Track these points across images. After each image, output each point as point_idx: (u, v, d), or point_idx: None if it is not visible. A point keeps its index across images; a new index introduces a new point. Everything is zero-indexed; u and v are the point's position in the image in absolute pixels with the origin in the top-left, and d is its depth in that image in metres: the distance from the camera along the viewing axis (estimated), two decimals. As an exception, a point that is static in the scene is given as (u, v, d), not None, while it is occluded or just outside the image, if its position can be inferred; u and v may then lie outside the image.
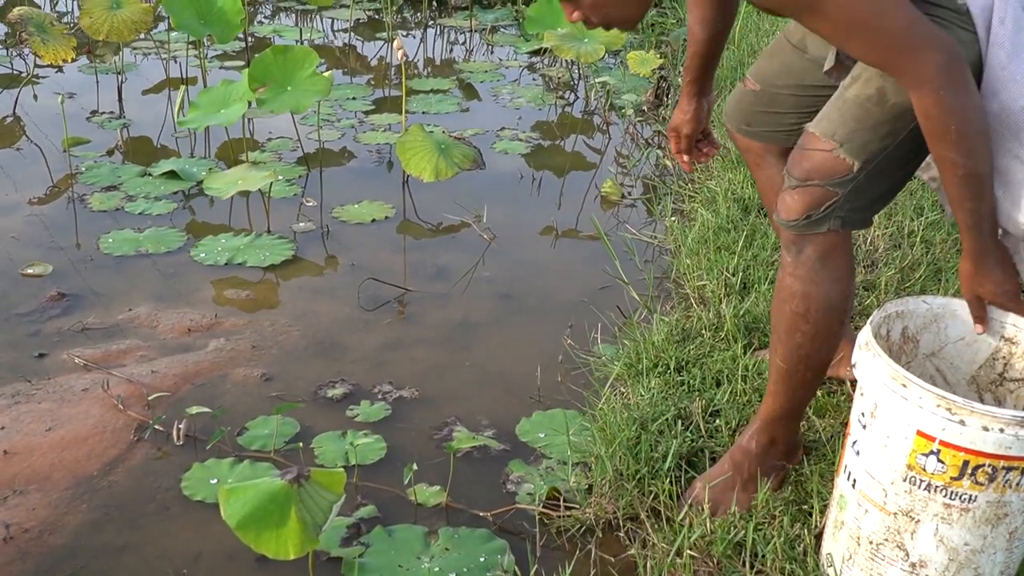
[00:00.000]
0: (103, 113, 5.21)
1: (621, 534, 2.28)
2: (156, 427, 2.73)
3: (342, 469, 2.17)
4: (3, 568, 2.26)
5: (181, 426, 2.71)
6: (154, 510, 2.47)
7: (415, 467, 2.44)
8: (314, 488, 2.09)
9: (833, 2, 1.74)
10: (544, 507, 2.39)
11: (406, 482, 2.45)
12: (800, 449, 2.37)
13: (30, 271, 3.58)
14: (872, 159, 1.95)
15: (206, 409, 2.71)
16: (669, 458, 2.33)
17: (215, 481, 2.55)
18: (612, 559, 2.23)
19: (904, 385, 1.83)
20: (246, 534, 2.00)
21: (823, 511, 2.21)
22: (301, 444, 2.65)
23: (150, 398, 2.84)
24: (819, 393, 2.66)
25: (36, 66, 5.66)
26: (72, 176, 4.42)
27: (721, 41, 2.41)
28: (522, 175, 4.64)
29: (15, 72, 5.85)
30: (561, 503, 2.37)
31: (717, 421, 2.54)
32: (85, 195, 4.23)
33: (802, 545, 2.14)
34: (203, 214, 4.14)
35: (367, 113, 5.35)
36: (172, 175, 4.38)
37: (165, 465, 2.62)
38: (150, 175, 4.41)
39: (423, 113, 5.33)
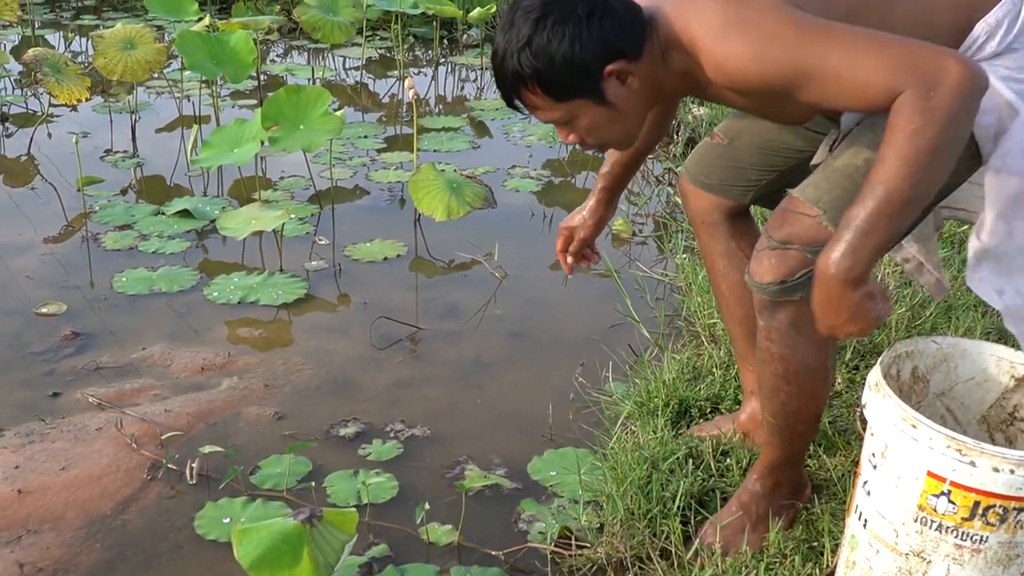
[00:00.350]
0: (117, 152, 5.26)
1: (632, 573, 2.28)
2: (169, 466, 2.74)
3: (354, 509, 2.18)
4: (20, 602, 2.27)
5: (194, 465, 2.72)
6: (167, 549, 2.47)
7: (427, 506, 2.45)
8: (326, 528, 2.10)
9: (834, 38, 1.73)
10: (556, 546, 2.39)
11: (418, 521, 2.45)
12: (807, 487, 2.38)
13: (44, 310, 3.61)
14: None
15: (219, 448, 2.72)
16: (679, 497, 2.33)
17: (228, 520, 2.56)
18: (624, 599, 2.24)
19: (914, 426, 1.84)
20: (259, 574, 2.01)
21: (835, 550, 2.21)
22: (313, 483, 2.66)
23: (163, 437, 2.86)
24: (829, 431, 2.66)
25: (51, 105, 5.72)
26: (86, 215, 4.46)
27: (647, 152, 2.49)
28: (533, 212, 4.66)
29: (30, 111, 5.91)
30: (573, 542, 2.38)
31: (728, 460, 2.54)
32: (99, 234, 4.27)
33: (814, 584, 2.14)
34: (216, 253, 4.17)
35: (379, 151, 5.39)
36: (185, 214, 4.41)
37: (178, 504, 2.63)
38: (163, 214, 4.44)
39: (434, 151, 5.37)
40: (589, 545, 2.37)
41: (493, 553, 2.44)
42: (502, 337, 3.52)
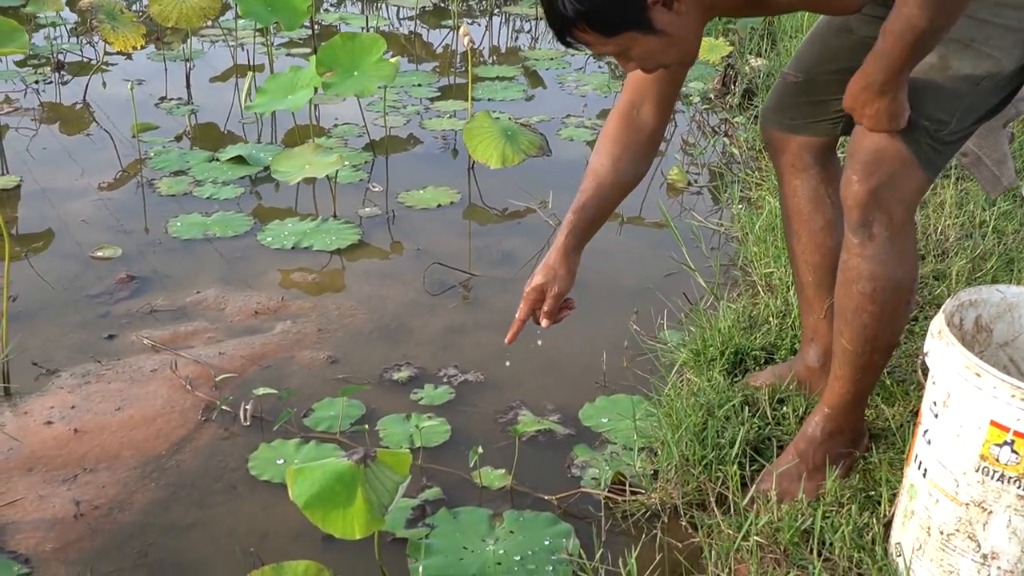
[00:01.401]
0: (171, 99, 5.27)
1: (686, 520, 2.26)
2: (223, 408, 2.75)
3: (408, 451, 2.17)
4: (73, 544, 2.29)
5: (248, 407, 2.73)
6: (221, 489, 2.49)
7: (480, 450, 2.44)
8: (380, 469, 2.10)
9: None
10: (609, 492, 2.37)
11: (471, 465, 2.45)
12: (866, 436, 2.34)
13: (100, 254, 3.63)
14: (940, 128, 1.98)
15: (272, 391, 2.72)
16: (736, 445, 2.30)
17: (281, 461, 2.57)
18: (678, 544, 2.22)
19: (978, 375, 1.79)
20: (313, 514, 2.01)
21: (892, 500, 2.17)
22: (366, 426, 2.66)
23: (217, 379, 2.87)
24: (888, 381, 2.62)
25: (106, 53, 5.75)
26: (141, 161, 4.47)
27: (625, 192, 2.24)
28: (588, 162, 4.60)
29: (85, 60, 5.94)
30: (627, 488, 2.36)
31: (784, 408, 2.51)
32: (153, 180, 4.28)
33: (871, 534, 2.10)
34: (270, 199, 4.17)
35: (432, 100, 5.36)
36: (239, 160, 4.42)
37: (232, 445, 2.64)
38: (218, 160, 4.45)
39: (488, 100, 5.33)
40: (643, 491, 2.35)
41: (546, 498, 2.43)
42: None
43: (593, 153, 2.24)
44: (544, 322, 2.19)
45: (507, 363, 2.80)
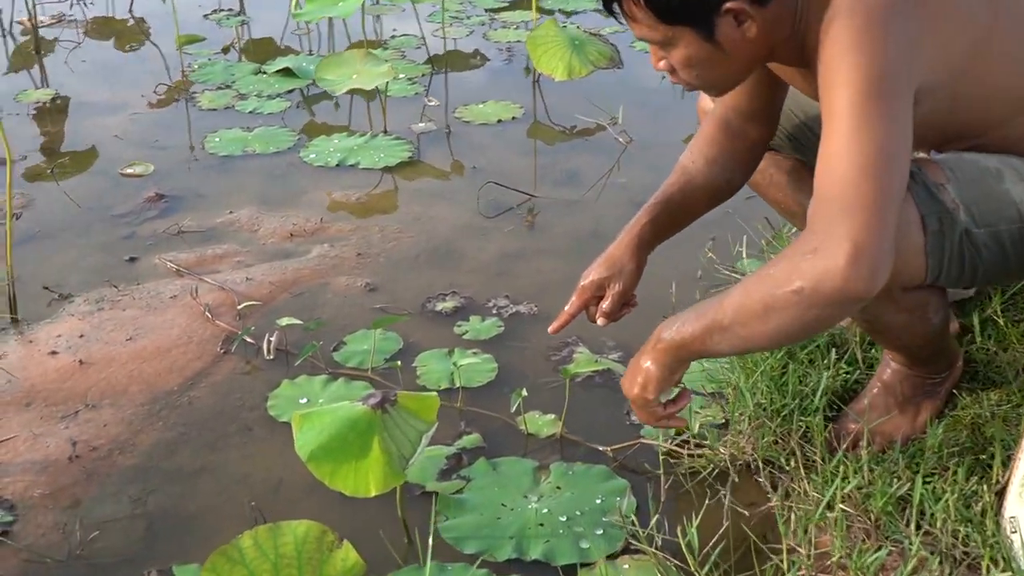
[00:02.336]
0: (222, 11, 4.98)
1: (760, 479, 1.93)
2: (246, 339, 2.47)
3: (435, 393, 1.86)
4: (66, 490, 2.04)
5: (272, 339, 2.44)
6: (236, 431, 2.21)
7: (524, 392, 2.12)
8: (402, 415, 1.79)
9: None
10: (672, 444, 2.04)
11: (513, 409, 2.13)
12: (958, 356, 1.98)
13: (130, 171, 3.37)
14: None
15: (297, 321, 2.43)
16: (820, 392, 1.95)
17: (305, 401, 2.28)
18: (747, 510, 1.88)
19: None
20: (319, 468, 1.72)
21: (1006, 463, 1.80)
22: (399, 363, 2.35)
23: (240, 307, 2.58)
24: (1001, 321, 2.24)
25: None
26: (184, 74, 4.20)
27: (715, 199, 1.97)
28: (663, 76, 4.22)
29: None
30: (691, 440, 2.03)
31: (876, 351, 2.15)
32: (195, 94, 4.01)
33: (980, 504, 1.74)
34: (317, 114, 3.88)
35: (498, 11, 5.00)
36: (287, 73, 4.12)
37: (252, 381, 2.36)
38: (264, 73, 4.16)
39: (559, 11, 4.95)
40: (710, 445, 2.01)
41: (600, 449, 2.11)
42: (624, 207, 3.12)
43: (685, 151, 1.97)
44: (601, 321, 1.93)
45: (565, 293, 2.45)
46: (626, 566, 1.82)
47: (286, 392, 2.31)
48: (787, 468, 1.90)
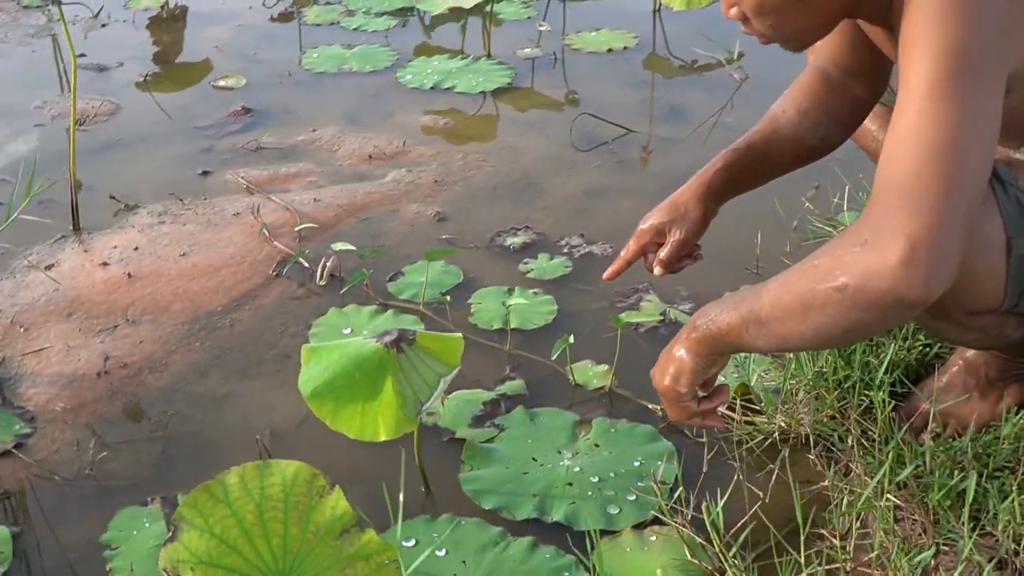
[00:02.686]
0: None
1: (813, 455, 1.73)
2: (301, 262, 2.35)
3: (460, 335, 1.71)
4: (88, 406, 1.97)
5: (328, 263, 2.32)
6: (272, 358, 2.10)
7: (571, 340, 1.94)
8: (421, 356, 1.65)
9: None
10: (727, 408, 1.85)
11: (554, 357, 1.96)
12: None
13: (222, 83, 3.28)
14: None
15: (350, 247, 2.30)
16: (886, 364, 1.73)
17: (348, 331, 2.16)
18: (797, 487, 1.69)
19: None
20: (321, 407, 1.59)
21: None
22: (448, 297, 2.20)
23: (298, 228, 2.47)
24: None
25: None
26: (295, -13, 4.10)
27: (803, 156, 1.74)
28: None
29: None
30: (737, 407, 1.83)
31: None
32: (304, 8, 3.89)
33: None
34: (422, 34, 3.73)
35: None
36: (398, -10, 3.97)
37: (299, 307, 2.25)
38: (374, -11, 4.02)
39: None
40: (763, 410, 1.82)
41: (650, 407, 1.93)
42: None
43: (777, 100, 1.75)
44: (658, 270, 1.73)
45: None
46: (653, 538, 1.65)
47: (332, 321, 2.20)
48: (842, 446, 1.69)
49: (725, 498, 1.55)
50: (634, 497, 1.72)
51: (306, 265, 2.36)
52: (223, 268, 2.34)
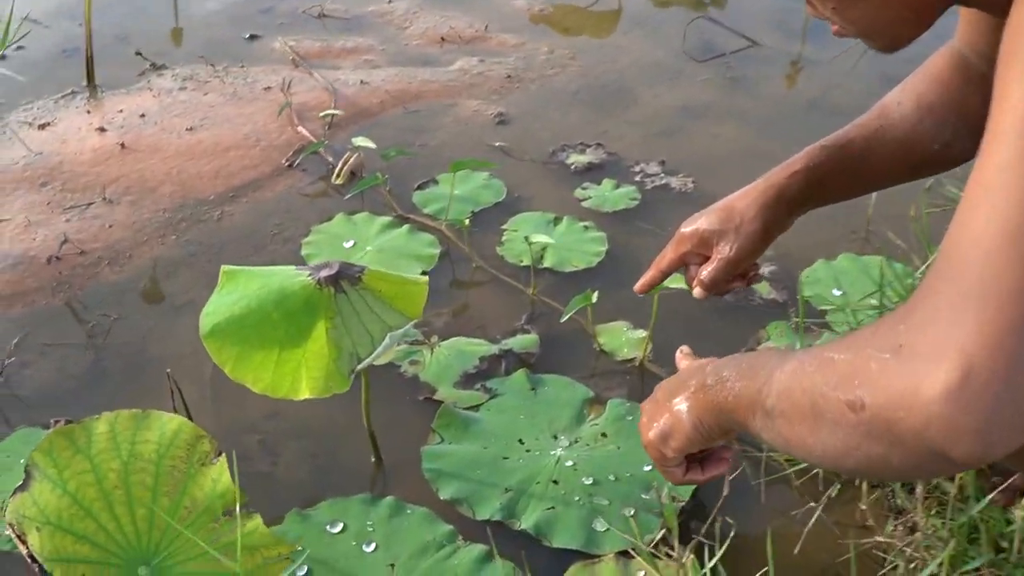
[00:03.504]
0: None
1: (866, 502, 1.31)
2: (321, 153, 2.00)
3: (425, 278, 1.34)
4: (23, 296, 1.68)
5: (351, 160, 1.96)
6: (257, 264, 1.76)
7: (595, 297, 1.54)
8: (368, 299, 1.28)
9: None
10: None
11: (563, 319, 1.56)
12: None
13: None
14: None
15: (370, 144, 1.93)
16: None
17: (350, 244, 1.81)
18: (839, 533, 1.28)
19: None
20: (220, 350, 1.24)
21: None
22: (467, 220, 1.82)
23: (323, 114, 2.11)
24: None
25: None
26: None
27: (917, 163, 1.27)
28: None
29: None
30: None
31: None
32: None
33: None
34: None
35: None
36: None
37: (305, 207, 1.90)
38: None
39: None
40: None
41: (682, 393, 1.52)
42: (871, 82, 2.41)
43: (894, 89, 1.30)
44: (698, 291, 1.33)
45: (739, 174, 1.86)
46: (641, 573, 1.26)
47: (335, 229, 1.85)
48: (906, 496, 1.27)
49: (731, 534, 1.15)
50: (631, 512, 1.34)
51: (329, 159, 2.00)
52: (231, 149, 2.00)
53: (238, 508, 1.15)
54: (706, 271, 1.30)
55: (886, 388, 0.72)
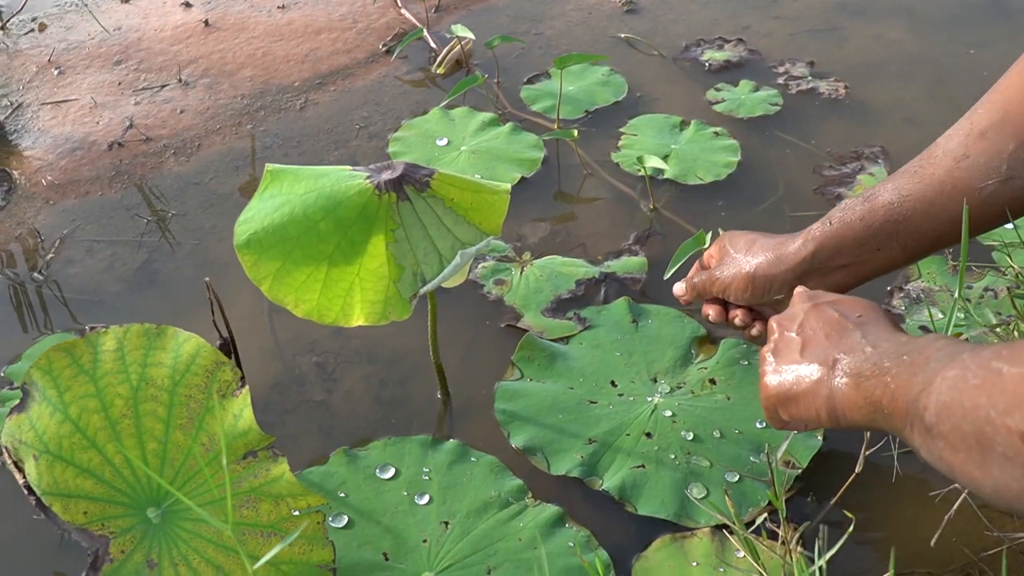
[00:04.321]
0: None
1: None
2: (426, 38, 1.79)
3: (506, 186, 1.11)
4: (79, 184, 1.51)
5: (455, 48, 1.74)
6: (333, 161, 1.57)
7: (708, 239, 1.28)
8: (437, 209, 1.07)
9: None
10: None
11: (668, 275, 1.32)
12: None
13: None
14: None
15: (469, 35, 1.70)
16: None
17: (444, 143, 1.60)
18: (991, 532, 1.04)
19: None
20: (257, 263, 1.05)
21: None
22: (576, 133, 1.58)
23: (431, -4, 1.89)
24: None
25: None
26: None
27: (990, 214, 0.96)
28: None
29: None
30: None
31: None
32: None
33: None
34: None
35: None
36: None
37: (398, 99, 1.69)
38: None
39: None
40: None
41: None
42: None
43: (964, 117, 0.99)
44: (678, 287, 1.19)
45: (912, 86, 1.59)
46: (740, 555, 1.04)
47: (429, 125, 1.63)
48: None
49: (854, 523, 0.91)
50: (736, 478, 1.11)
51: (433, 46, 1.78)
52: (324, 32, 1.80)
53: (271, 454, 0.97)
54: (737, 318, 1.11)
55: None
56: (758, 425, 1.16)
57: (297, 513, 0.98)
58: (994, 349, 0.63)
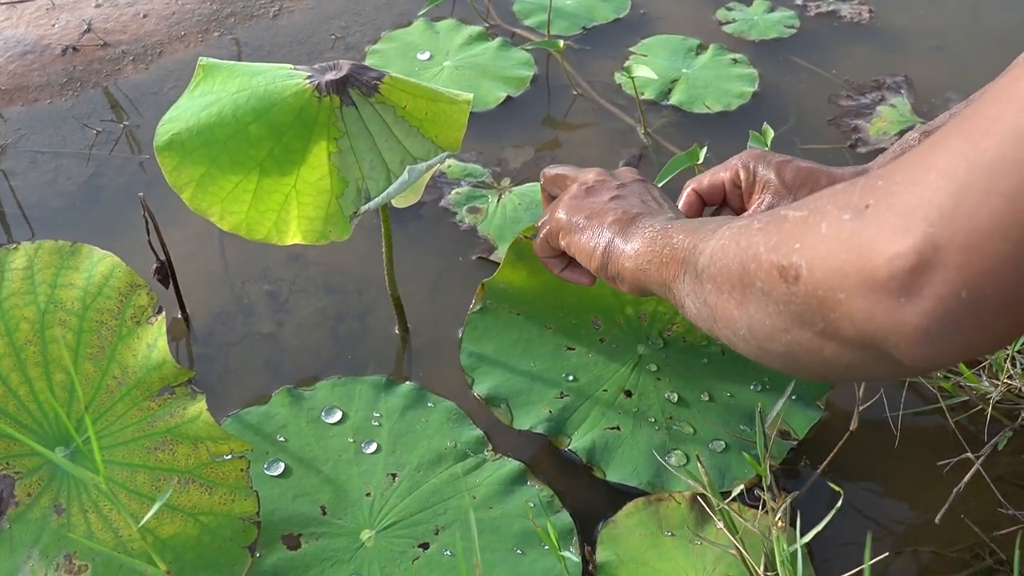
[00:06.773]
0: None
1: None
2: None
3: (468, 95, 0.97)
4: (26, 90, 1.38)
5: (447, -44, 1.60)
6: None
7: (703, 152, 1.15)
8: (384, 118, 0.94)
9: None
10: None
11: (660, 183, 1.18)
12: None
13: None
14: None
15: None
16: None
17: (426, 57, 1.47)
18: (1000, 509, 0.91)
19: None
20: (178, 168, 0.92)
21: None
22: (562, 43, 1.44)
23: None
24: None
25: None
26: None
27: None
28: None
29: None
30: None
31: None
32: None
33: None
34: None
35: None
36: None
37: (381, 7, 1.56)
38: None
39: None
40: (984, 361, 1.01)
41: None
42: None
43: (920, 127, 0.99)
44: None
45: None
46: (721, 525, 0.92)
47: (411, 37, 1.50)
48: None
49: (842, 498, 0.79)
50: (721, 447, 0.99)
51: (422, -48, 1.64)
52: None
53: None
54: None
55: (827, 257, 0.55)
56: (753, 388, 1.04)
57: (229, 457, 0.87)
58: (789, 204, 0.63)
